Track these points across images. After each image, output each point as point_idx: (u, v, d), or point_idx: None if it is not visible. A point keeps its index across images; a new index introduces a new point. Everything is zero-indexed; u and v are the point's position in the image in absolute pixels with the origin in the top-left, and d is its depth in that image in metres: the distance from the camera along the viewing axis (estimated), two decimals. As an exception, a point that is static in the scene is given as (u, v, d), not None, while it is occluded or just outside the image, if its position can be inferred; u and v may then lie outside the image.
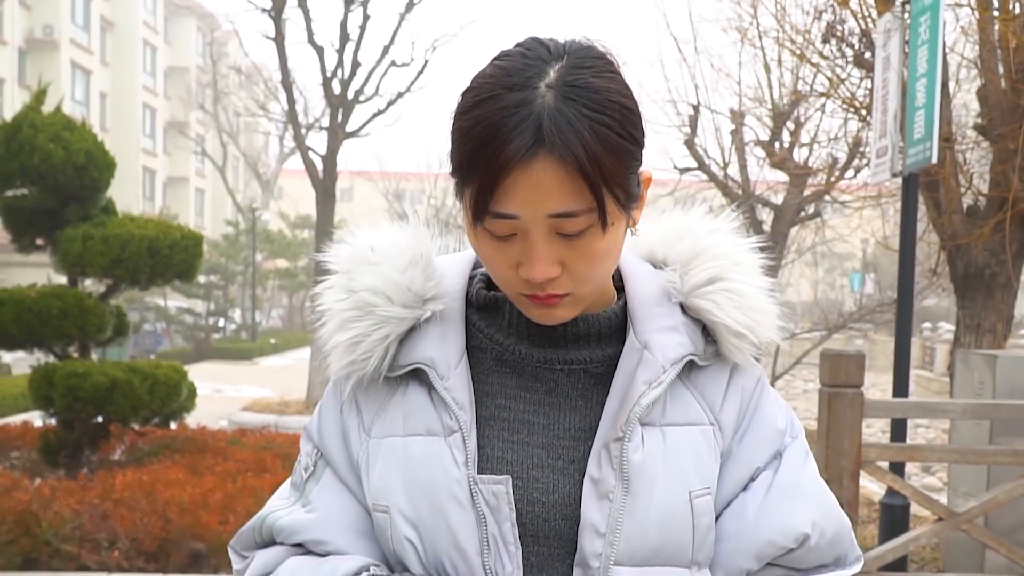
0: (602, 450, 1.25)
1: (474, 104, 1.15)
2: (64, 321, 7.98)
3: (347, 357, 1.33)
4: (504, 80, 1.14)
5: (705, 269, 1.34)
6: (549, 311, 1.25)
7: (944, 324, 30.33)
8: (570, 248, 1.18)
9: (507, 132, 1.11)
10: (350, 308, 1.33)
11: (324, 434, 1.39)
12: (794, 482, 1.33)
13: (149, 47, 49.07)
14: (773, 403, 1.39)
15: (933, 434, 15.36)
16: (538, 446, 1.28)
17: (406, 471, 1.26)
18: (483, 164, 1.13)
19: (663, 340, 1.29)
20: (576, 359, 1.32)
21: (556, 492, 1.26)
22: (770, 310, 1.36)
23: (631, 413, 1.25)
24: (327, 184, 16.42)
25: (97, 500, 6.49)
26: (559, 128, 1.10)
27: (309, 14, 16.12)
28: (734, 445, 1.33)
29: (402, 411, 1.31)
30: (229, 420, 15.48)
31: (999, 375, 5.91)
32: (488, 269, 1.26)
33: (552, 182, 1.12)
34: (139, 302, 31.78)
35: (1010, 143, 7.48)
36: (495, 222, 1.17)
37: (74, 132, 8.19)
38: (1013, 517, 5.76)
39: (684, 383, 1.32)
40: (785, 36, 11.19)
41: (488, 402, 1.31)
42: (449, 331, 1.33)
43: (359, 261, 1.36)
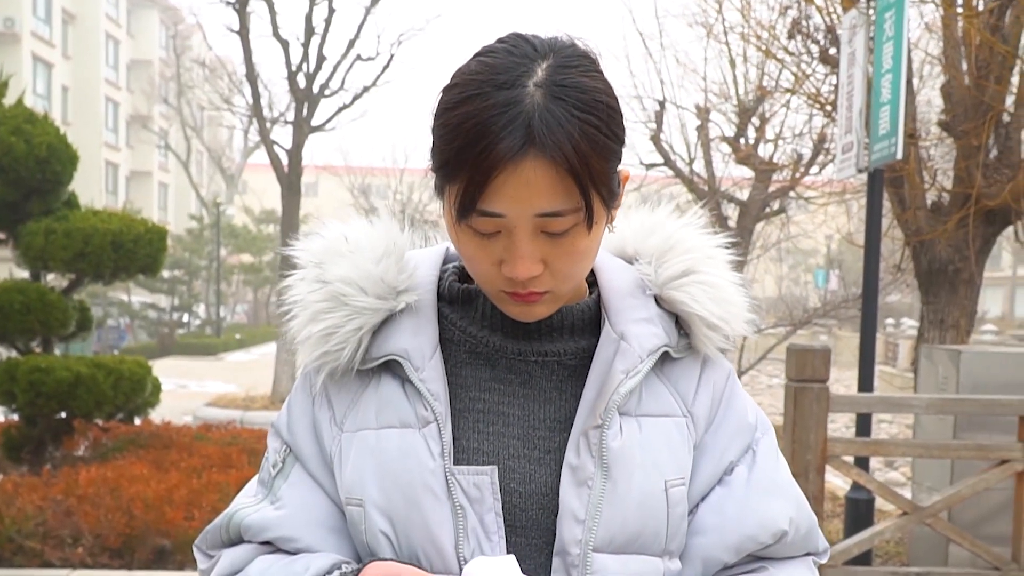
0: (580, 438, 1.25)
1: (461, 101, 1.14)
2: (26, 316, 7.90)
3: (319, 348, 1.31)
4: (492, 77, 1.14)
5: (679, 261, 1.35)
6: (528, 308, 1.26)
7: (907, 320, 30.58)
8: (554, 246, 1.19)
9: (497, 131, 1.10)
10: (323, 299, 1.32)
11: (294, 429, 1.37)
12: (771, 478, 1.35)
13: (112, 40, 48.66)
14: (743, 398, 1.41)
15: (896, 429, 15.48)
16: (514, 437, 1.28)
17: (380, 464, 1.25)
18: (471, 162, 1.12)
19: (639, 331, 1.30)
20: (550, 351, 1.32)
21: (533, 482, 1.26)
22: (741, 303, 1.38)
23: (610, 401, 1.25)
24: (292, 179, 16.34)
25: (61, 496, 6.43)
26: (550, 128, 1.11)
27: (274, 7, 16.04)
28: (707, 438, 1.35)
29: (375, 404, 1.30)
30: (194, 416, 15.37)
31: (963, 370, 5.95)
32: (468, 266, 1.26)
33: (541, 182, 1.12)
34: (102, 297, 31.53)
35: (973, 139, 7.53)
36: (480, 220, 1.17)
37: (36, 125, 8.11)
38: (976, 511, 5.80)
39: (657, 375, 1.33)
40: (750, 32, 11.23)
41: (462, 394, 1.31)
42: (423, 323, 1.32)
43: (331, 252, 1.35)
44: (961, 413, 5.74)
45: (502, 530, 1.23)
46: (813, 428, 4.89)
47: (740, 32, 11.94)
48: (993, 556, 5.22)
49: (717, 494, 1.33)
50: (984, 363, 6.02)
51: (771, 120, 13.55)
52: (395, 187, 39.23)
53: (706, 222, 1.43)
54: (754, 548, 1.32)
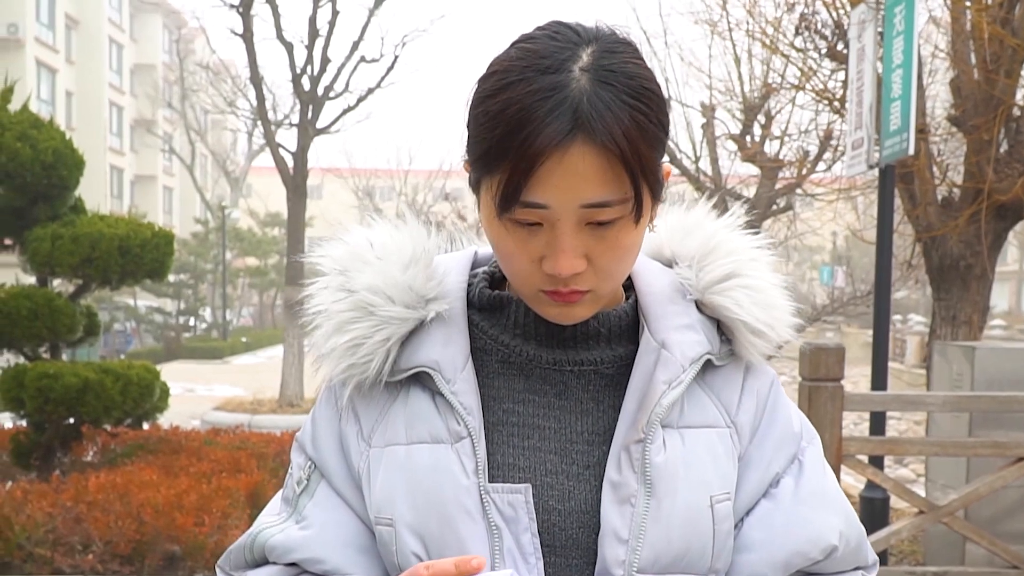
0: (621, 452, 1.19)
1: (501, 87, 1.09)
2: (34, 322, 7.87)
3: (346, 360, 1.26)
4: (535, 63, 1.08)
5: (721, 265, 1.29)
6: (568, 309, 1.19)
7: (915, 316, 30.54)
8: (598, 240, 1.13)
9: (542, 116, 1.05)
10: (348, 309, 1.26)
11: (319, 444, 1.31)
12: (819, 490, 1.29)
13: (115, 45, 48.68)
14: (787, 405, 1.34)
15: (905, 426, 15.43)
16: (551, 451, 1.22)
17: (411, 481, 1.20)
18: (515, 150, 1.06)
19: (680, 338, 1.24)
20: (587, 360, 1.26)
21: (572, 499, 1.20)
22: (785, 307, 1.32)
23: (652, 414, 1.19)
24: (297, 181, 16.32)
25: (70, 503, 6.39)
26: (599, 113, 1.05)
27: (277, 10, 16.01)
28: (752, 449, 1.28)
29: (404, 418, 1.24)
30: (202, 420, 15.36)
31: (977, 367, 5.92)
32: (506, 264, 1.19)
33: (588, 170, 1.07)
34: (108, 301, 31.53)
35: (984, 134, 7.50)
36: (522, 212, 1.11)
37: (42, 130, 8.07)
38: (993, 509, 5.77)
39: (699, 384, 1.26)
40: (756, 28, 11.19)
41: (495, 406, 1.25)
42: (453, 332, 1.26)
43: (356, 259, 1.29)
44: (977, 410, 5.70)
45: (539, 551, 1.18)
46: (828, 427, 4.84)
47: (745, 29, 11.92)
48: (1011, 555, 5.19)
49: (763, 508, 1.27)
50: (998, 359, 5.98)
51: (777, 117, 13.52)
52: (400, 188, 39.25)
53: (743, 223, 1.36)
54: (803, 564, 1.26)
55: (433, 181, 40.03)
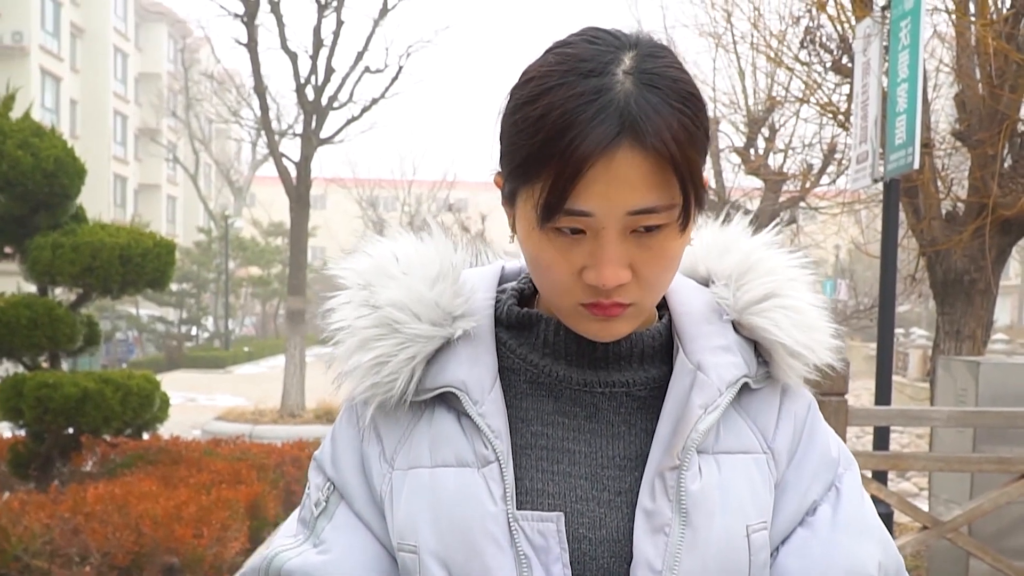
0: (656, 479, 1.15)
1: (541, 92, 1.05)
2: (34, 331, 7.85)
3: (370, 379, 1.21)
4: (575, 66, 1.05)
5: (760, 284, 1.25)
6: (609, 324, 1.14)
7: (917, 330, 30.53)
8: (643, 249, 1.09)
9: (587, 120, 1.01)
10: (372, 325, 1.21)
11: (340, 465, 1.27)
12: (857, 518, 1.24)
13: (120, 53, 48.81)
14: (825, 430, 1.30)
15: (908, 439, 15.38)
16: (581, 477, 1.18)
17: (436, 506, 1.15)
18: (559, 156, 1.02)
19: (717, 361, 1.20)
20: (618, 381, 1.22)
21: (604, 527, 1.16)
22: (825, 328, 1.27)
23: (688, 440, 1.15)
24: (301, 191, 16.34)
25: (68, 514, 6.36)
26: (647, 115, 1.02)
27: (282, 20, 16.06)
28: (788, 475, 1.24)
29: (429, 439, 1.19)
30: (203, 430, 15.35)
31: (982, 382, 5.89)
32: (544, 276, 1.14)
33: (636, 175, 1.03)
34: (110, 310, 31.56)
35: (989, 149, 7.48)
36: (565, 220, 1.06)
37: (43, 139, 8.06)
38: (997, 524, 5.73)
39: (735, 408, 1.22)
40: (760, 41, 11.19)
41: (523, 429, 1.20)
42: (481, 351, 1.21)
43: (380, 273, 1.25)
44: (982, 425, 5.67)
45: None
46: (832, 442, 4.81)
47: (750, 42, 11.93)
48: (1015, 571, 5.14)
49: (800, 536, 1.23)
50: (1003, 374, 5.96)
51: (781, 130, 13.53)
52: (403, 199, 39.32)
53: (781, 240, 1.33)
54: None
55: (437, 192, 40.10)
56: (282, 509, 8.43)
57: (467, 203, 46.30)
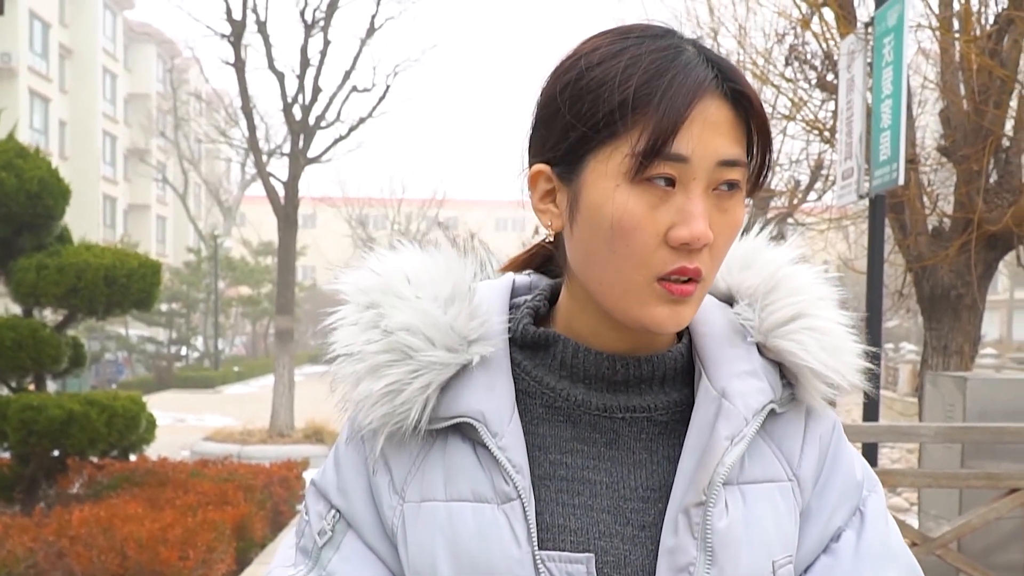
0: (680, 515, 1.09)
1: (620, 50, 1.04)
2: (18, 352, 7.81)
3: (382, 408, 1.13)
4: (645, 31, 1.06)
5: (786, 305, 1.18)
6: (680, 308, 1.07)
7: (907, 344, 30.55)
8: (720, 213, 1.05)
9: (682, 65, 1.02)
10: (383, 351, 1.13)
11: (348, 493, 1.20)
12: (882, 545, 1.19)
13: (109, 74, 48.82)
14: (849, 452, 1.24)
15: (898, 454, 15.38)
16: (603, 510, 1.12)
17: (454, 543, 1.09)
18: (660, 97, 1.00)
19: (743, 387, 1.13)
20: (639, 406, 1.15)
21: (629, 566, 1.10)
22: (854, 349, 1.20)
23: (715, 474, 1.09)
24: (289, 210, 16.32)
25: (53, 537, 6.32)
26: (731, 69, 1.04)
27: (269, 40, 16.07)
28: (813, 502, 1.19)
29: (442, 471, 1.13)
30: (191, 450, 15.28)
31: (969, 397, 5.89)
32: (619, 249, 1.05)
33: (726, 123, 1.03)
34: (100, 331, 31.48)
35: (974, 164, 7.51)
36: (662, 165, 1.02)
37: (27, 160, 8.04)
38: (986, 541, 5.73)
39: (760, 434, 1.16)
40: (746, 58, 11.22)
41: (541, 457, 1.14)
42: (497, 378, 1.14)
43: (390, 294, 1.16)
44: (969, 441, 5.67)
45: None
46: (819, 459, 4.80)
47: (736, 60, 11.94)
48: (1004, 588, 5.14)
49: (823, 564, 1.18)
50: (990, 390, 5.97)
51: (768, 147, 13.56)
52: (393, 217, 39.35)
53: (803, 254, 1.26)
54: None
55: (426, 210, 40.12)
56: (269, 530, 8.39)
57: (457, 221, 46.39)
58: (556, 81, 1.08)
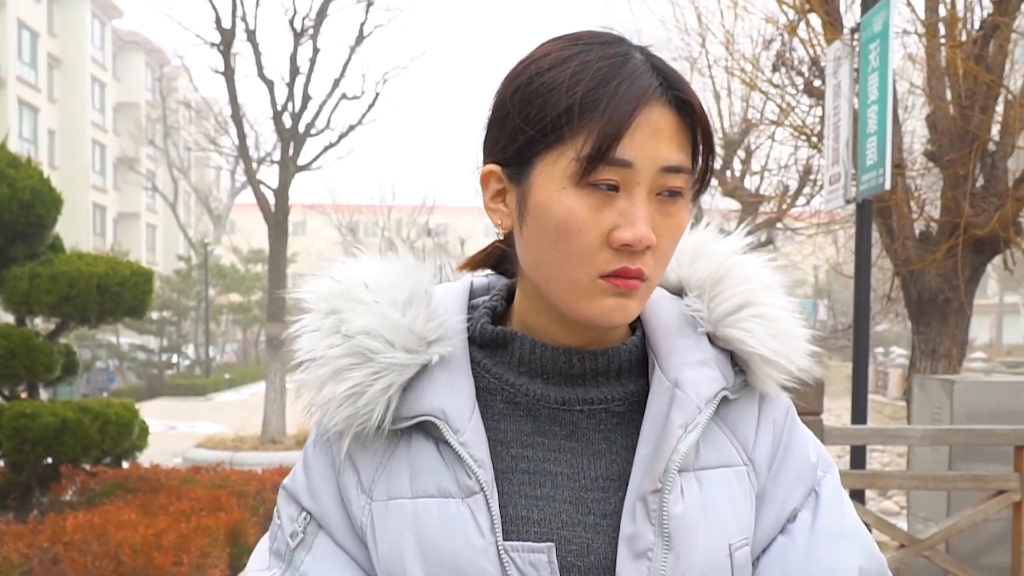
0: (637, 503, 1.13)
1: (568, 56, 1.08)
2: (11, 361, 7.82)
3: (346, 411, 1.16)
4: (594, 38, 1.10)
5: (734, 294, 1.22)
6: (625, 302, 1.10)
7: (896, 349, 30.64)
8: (663, 217, 1.09)
9: (628, 72, 1.05)
10: (345, 355, 1.17)
11: (317, 495, 1.23)
12: (837, 523, 1.22)
13: (98, 83, 48.76)
14: (803, 435, 1.28)
15: (888, 458, 15.43)
16: (565, 501, 1.15)
17: (421, 540, 1.12)
18: (606, 102, 1.04)
19: (695, 376, 1.17)
20: (596, 398, 1.19)
21: (592, 553, 1.13)
22: (802, 335, 1.25)
23: (670, 461, 1.13)
24: (279, 218, 16.32)
25: (47, 543, 6.33)
26: (677, 77, 1.07)
27: (258, 48, 16.08)
28: (768, 485, 1.22)
29: (408, 469, 1.16)
30: (183, 457, 15.27)
31: (956, 400, 5.93)
32: (564, 248, 1.09)
33: (669, 130, 1.07)
34: (91, 339, 31.42)
35: (960, 169, 7.56)
36: (606, 170, 1.05)
37: (19, 169, 8.05)
38: (974, 542, 5.77)
39: (714, 421, 1.20)
40: (735, 65, 11.29)
41: (503, 452, 1.17)
42: (457, 377, 1.18)
43: (349, 299, 1.20)
44: (956, 443, 5.70)
45: None
46: (808, 462, 4.84)
47: (724, 65, 12.02)
48: (992, 588, 5.18)
49: (779, 545, 1.21)
50: (977, 393, 6.01)
51: (757, 152, 13.63)
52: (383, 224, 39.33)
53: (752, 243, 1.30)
54: None
55: (416, 216, 40.12)
56: (262, 535, 8.41)
57: (447, 228, 46.39)
58: (508, 85, 1.12)
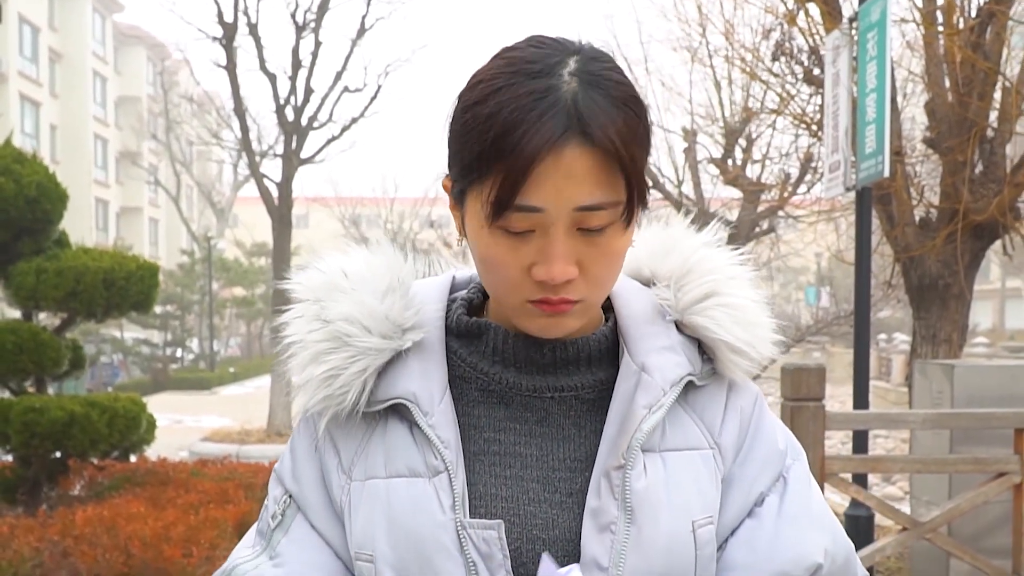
0: (602, 479, 1.17)
1: (491, 92, 1.08)
2: (19, 356, 7.86)
3: (322, 392, 1.23)
4: (523, 67, 1.08)
5: (700, 284, 1.27)
6: (558, 320, 1.16)
7: (899, 335, 30.61)
8: (590, 246, 1.11)
9: (535, 117, 1.04)
10: (324, 339, 1.23)
11: (299, 477, 1.29)
12: (803, 508, 1.25)
13: (99, 77, 48.73)
14: (771, 423, 1.32)
15: (893, 444, 15.48)
16: (533, 480, 1.20)
17: (390, 517, 1.17)
18: (510, 151, 1.05)
19: (661, 361, 1.22)
20: (567, 385, 1.24)
21: (556, 528, 1.18)
22: (767, 324, 1.29)
23: (632, 439, 1.17)
24: (282, 211, 16.38)
25: (57, 537, 6.38)
26: (592, 113, 1.05)
27: (260, 41, 16.12)
28: (735, 469, 1.26)
29: (383, 450, 1.21)
30: (189, 451, 15.34)
31: (956, 384, 5.97)
32: (492, 275, 1.16)
33: (583, 171, 1.06)
34: (95, 334, 31.44)
35: (959, 155, 7.59)
36: (516, 217, 1.08)
37: (25, 165, 8.08)
38: (976, 524, 5.81)
39: (681, 405, 1.24)
40: (735, 54, 11.31)
41: (476, 436, 1.22)
42: (431, 363, 1.24)
43: (331, 288, 1.27)
44: (956, 427, 5.75)
45: None
46: (810, 446, 4.89)
47: (724, 55, 12.04)
48: (994, 569, 5.23)
49: (747, 527, 1.24)
50: (977, 377, 6.04)
51: (758, 141, 13.64)
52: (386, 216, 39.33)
53: (721, 239, 1.34)
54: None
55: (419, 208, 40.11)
56: (270, 528, 8.44)
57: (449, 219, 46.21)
58: (455, 106, 1.15)
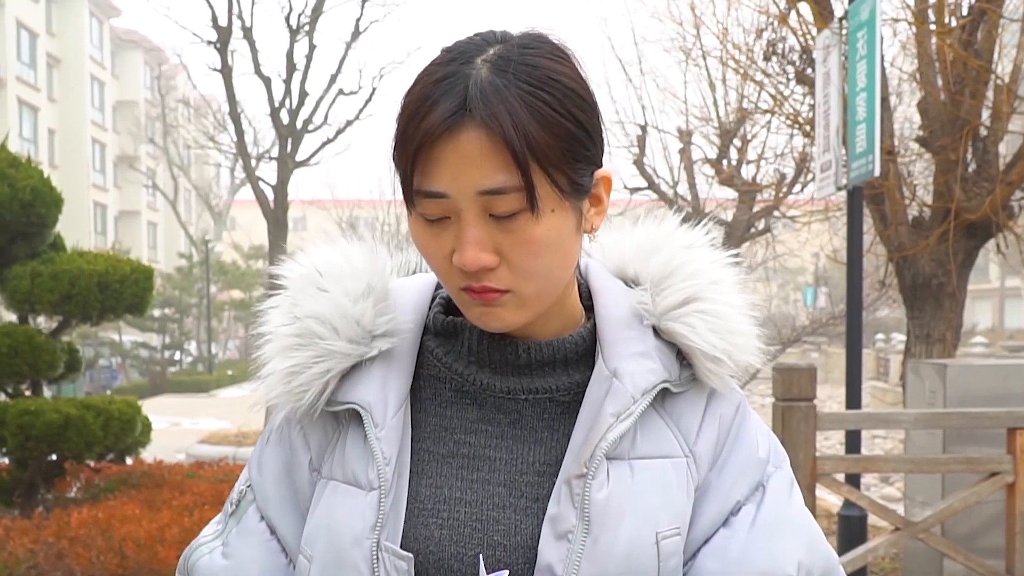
0: (563, 486, 1.14)
1: (413, 83, 1.09)
2: (14, 359, 7.87)
3: (281, 387, 1.23)
4: (443, 57, 1.09)
5: (680, 289, 1.23)
6: (490, 310, 1.13)
7: (897, 335, 30.59)
8: (504, 234, 1.08)
9: (434, 102, 1.04)
10: (293, 334, 1.23)
11: (263, 466, 1.29)
12: (779, 517, 1.21)
13: (96, 82, 48.76)
14: (754, 431, 1.28)
15: (891, 444, 15.47)
16: (499, 484, 1.18)
17: (330, 522, 1.17)
18: (410, 136, 1.06)
19: (633, 367, 1.18)
20: (541, 388, 1.21)
21: (518, 534, 1.16)
22: (749, 331, 1.25)
23: (596, 448, 1.14)
24: (279, 214, 16.40)
25: (52, 539, 6.38)
26: (484, 95, 1.03)
27: (255, 45, 16.17)
28: (712, 477, 1.22)
29: (343, 453, 1.21)
30: (187, 453, 15.32)
31: (949, 384, 5.96)
32: (428, 263, 1.16)
33: (479, 155, 1.04)
34: (93, 337, 31.44)
35: (951, 154, 7.60)
36: (426, 202, 1.08)
37: (20, 169, 8.09)
38: (969, 524, 5.81)
39: (658, 411, 1.20)
40: (728, 55, 11.33)
41: (447, 437, 1.21)
42: (394, 372, 1.21)
43: (308, 283, 1.26)
44: (949, 427, 5.74)
45: None
46: (802, 447, 4.89)
47: (718, 56, 12.05)
48: (987, 569, 5.22)
49: (720, 536, 1.20)
50: (970, 376, 6.04)
51: (752, 141, 13.67)
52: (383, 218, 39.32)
53: (713, 238, 1.30)
54: None
55: (416, 210, 40.05)
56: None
57: (447, 221, 46.26)
58: None
